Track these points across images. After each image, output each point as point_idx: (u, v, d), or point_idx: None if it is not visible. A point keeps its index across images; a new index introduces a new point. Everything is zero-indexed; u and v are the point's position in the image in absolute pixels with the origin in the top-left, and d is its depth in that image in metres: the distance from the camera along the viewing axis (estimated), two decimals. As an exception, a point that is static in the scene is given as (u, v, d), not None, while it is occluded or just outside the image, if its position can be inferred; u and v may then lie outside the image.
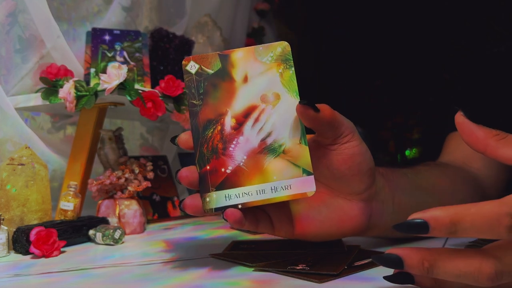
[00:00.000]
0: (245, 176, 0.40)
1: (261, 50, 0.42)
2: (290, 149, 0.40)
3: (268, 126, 0.41)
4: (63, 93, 0.68)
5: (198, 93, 0.42)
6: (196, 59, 0.43)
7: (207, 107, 0.42)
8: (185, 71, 0.43)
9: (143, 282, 0.41)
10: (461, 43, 0.85)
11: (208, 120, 0.41)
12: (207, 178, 0.40)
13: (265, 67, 0.42)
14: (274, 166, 0.40)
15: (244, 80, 0.42)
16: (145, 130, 1.12)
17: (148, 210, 0.83)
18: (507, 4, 0.78)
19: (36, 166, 0.61)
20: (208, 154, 0.41)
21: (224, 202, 0.40)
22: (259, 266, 0.43)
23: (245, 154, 0.41)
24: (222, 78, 0.42)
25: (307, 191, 0.40)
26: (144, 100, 0.68)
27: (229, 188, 0.40)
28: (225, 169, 0.40)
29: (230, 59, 0.42)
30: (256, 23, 1.41)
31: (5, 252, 0.54)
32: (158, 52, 0.87)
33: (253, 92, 0.41)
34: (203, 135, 0.41)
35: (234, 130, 0.41)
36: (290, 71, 0.41)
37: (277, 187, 0.40)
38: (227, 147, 0.41)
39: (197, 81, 0.42)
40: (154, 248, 0.58)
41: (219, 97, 0.42)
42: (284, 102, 0.41)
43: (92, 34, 0.78)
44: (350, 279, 0.39)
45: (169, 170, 0.94)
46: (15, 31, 0.79)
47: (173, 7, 1.12)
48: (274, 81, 0.41)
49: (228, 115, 0.41)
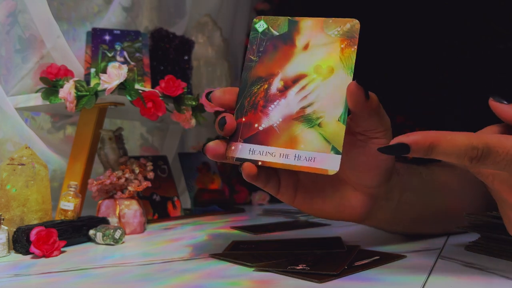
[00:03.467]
0: (275, 137, 0.40)
1: (330, 22, 0.42)
2: (327, 124, 0.40)
3: (312, 96, 0.41)
4: (63, 93, 0.68)
5: (258, 50, 0.43)
6: (267, 19, 0.44)
7: (261, 64, 0.43)
8: (252, 28, 0.44)
9: (143, 282, 0.41)
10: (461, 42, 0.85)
11: (258, 77, 0.42)
12: (240, 129, 0.41)
13: (328, 40, 0.42)
14: (305, 135, 0.40)
15: (304, 47, 0.42)
16: (145, 130, 1.12)
17: (148, 210, 0.83)
18: (507, 4, 0.78)
19: (36, 166, 0.61)
20: (247, 107, 0.42)
21: (247, 154, 0.41)
22: (259, 266, 0.43)
23: (282, 116, 0.41)
24: (284, 41, 0.43)
25: (329, 168, 0.39)
26: (144, 100, 0.68)
27: (256, 143, 0.41)
28: (258, 125, 0.41)
29: (297, 25, 0.43)
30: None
31: (5, 252, 0.54)
32: (158, 52, 0.87)
33: (309, 60, 0.42)
34: (249, 89, 0.42)
35: (279, 92, 0.42)
36: (352, 48, 0.41)
37: (301, 156, 0.39)
38: (267, 105, 0.41)
39: (261, 40, 0.43)
40: (154, 248, 0.58)
41: (275, 58, 0.42)
42: (336, 77, 0.40)
43: (92, 34, 0.78)
44: (350, 279, 0.39)
45: (169, 170, 0.94)
46: (15, 31, 0.79)
47: (173, 7, 1.12)
48: (333, 55, 0.41)
49: (278, 77, 0.42)
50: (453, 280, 0.39)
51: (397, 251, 0.49)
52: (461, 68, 0.80)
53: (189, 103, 0.75)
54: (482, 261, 0.45)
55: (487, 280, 0.39)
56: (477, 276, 0.40)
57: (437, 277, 0.40)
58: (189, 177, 0.99)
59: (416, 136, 0.33)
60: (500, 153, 0.33)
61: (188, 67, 0.91)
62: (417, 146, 0.33)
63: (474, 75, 0.78)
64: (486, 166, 0.34)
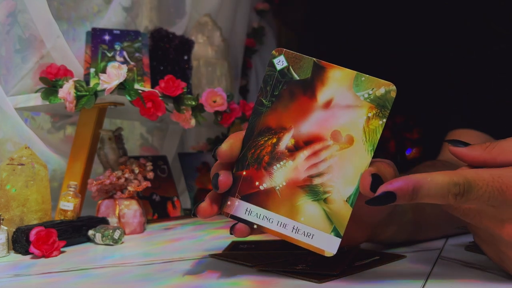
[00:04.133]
0: (275, 202, 0.37)
1: (362, 80, 0.36)
2: (333, 201, 0.36)
3: (323, 165, 0.36)
4: (63, 93, 0.68)
5: (272, 94, 0.38)
6: (288, 56, 0.38)
7: (273, 112, 0.38)
8: (270, 63, 0.38)
9: (143, 282, 0.41)
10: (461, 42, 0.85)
11: (267, 127, 0.38)
12: (239, 183, 0.38)
13: (355, 102, 0.36)
14: (307, 208, 0.36)
15: (326, 104, 0.37)
16: (145, 130, 1.12)
17: (148, 210, 0.83)
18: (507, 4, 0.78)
19: (36, 166, 0.60)
20: (250, 160, 0.38)
21: (243, 214, 0.38)
22: (259, 266, 0.43)
23: (286, 180, 0.37)
24: (304, 90, 0.37)
25: (327, 250, 0.36)
26: (144, 100, 0.68)
27: (254, 204, 0.37)
28: (260, 184, 0.38)
29: (323, 73, 0.37)
30: (256, 23, 1.41)
31: (5, 252, 0.54)
32: (158, 52, 0.87)
33: (328, 123, 0.37)
34: (255, 139, 0.38)
35: (288, 151, 0.37)
36: (380, 121, 0.36)
37: (300, 230, 0.37)
38: (272, 163, 0.37)
39: (277, 81, 0.38)
40: (154, 248, 0.58)
41: (290, 108, 0.37)
42: (354, 151, 0.36)
43: (92, 34, 0.78)
44: (350, 279, 0.39)
45: (169, 170, 0.94)
46: (15, 31, 0.79)
47: (173, 7, 1.12)
48: (357, 123, 0.36)
49: (289, 133, 0.37)
50: (453, 280, 0.39)
51: (397, 251, 0.49)
52: (467, 68, 0.80)
53: (189, 103, 0.75)
54: (482, 261, 0.44)
55: (487, 280, 0.38)
56: (477, 276, 0.40)
57: (437, 277, 0.40)
58: (189, 177, 0.99)
59: (399, 182, 0.33)
60: (481, 185, 0.33)
61: (188, 67, 0.91)
62: (401, 192, 0.33)
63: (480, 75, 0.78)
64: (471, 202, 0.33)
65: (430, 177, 0.33)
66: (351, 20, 1.27)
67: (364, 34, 1.23)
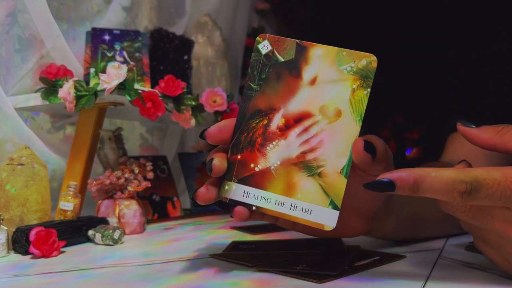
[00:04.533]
0: (271, 182, 0.38)
1: (344, 55, 0.37)
2: (327, 174, 0.37)
3: (314, 140, 0.37)
4: (62, 93, 0.68)
5: (259, 77, 0.39)
6: (272, 40, 0.39)
7: (262, 95, 0.39)
8: (255, 49, 0.40)
9: (143, 282, 0.41)
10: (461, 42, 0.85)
11: (257, 110, 0.39)
12: (234, 166, 0.39)
13: (339, 76, 0.37)
14: (303, 184, 0.37)
15: (311, 81, 0.38)
16: (145, 130, 1.12)
17: (148, 210, 0.83)
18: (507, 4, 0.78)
19: (36, 166, 0.60)
20: (244, 143, 0.39)
21: (241, 197, 0.38)
22: (259, 266, 0.43)
23: (280, 159, 0.38)
24: (289, 71, 0.39)
25: (326, 224, 0.37)
26: (144, 100, 0.68)
27: (251, 186, 0.38)
28: (255, 166, 0.38)
29: (306, 52, 0.38)
30: (256, 23, 1.41)
31: (4, 252, 0.54)
32: (158, 52, 0.86)
33: (315, 98, 0.38)
34: (247, 123, 0.39)
35: (279, 131, 0.38)
36: (364, 91, 0.37)
37: (297, 206, 0.37)
38: (265, 144, 0.38)
39: (263, 64, 0.39)
40: (154, 248, 0.58)
41: (278, 89, 0.39)
42: (343, 122, 0.37)
43: (92, 34, 0.78)
44: (350, 279, 0.39)
45: (169, 170, 0.94)
46: (15, 31, 0.79)
47: (173, 7, 1.12)
48: (343, 95, 0.37)
49: (279, 113, 0.38)
50: (453, 280, 0.39)
51: (397, 251, 0.49)
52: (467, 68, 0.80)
53: (188, 103, 0.75)
54: (482, 261, 0.44)
55: (487, 280, 0.38)
56: (477, 276, 0.40)
57: (437, 277, 0.40)
58: (189, 177, 0.99)
59: (401, 173, 0.33)
60: (491, 184, 0.32)
61: (188, 67, 0.91)
62: (401, 183, 0.32)
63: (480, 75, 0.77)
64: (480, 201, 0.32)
65: (435, 172, 0.33)
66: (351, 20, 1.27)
67: (364, 34, 1.23)
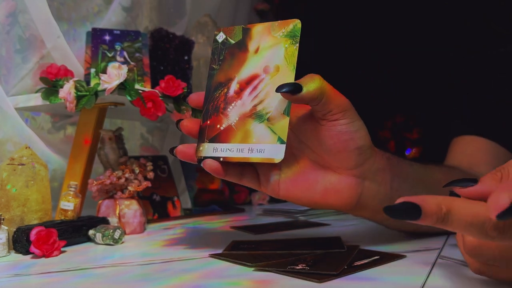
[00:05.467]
0: (233, 135, 0.46)
1: (276, 25, 0.46)
2: (274, 117, 0.44)
3: (262, 94, 0.45)
4: (63, 93, 0.68)
5: (219, 59, 0.49)
6: (225, 30, 0.49)
7: (221, 71, 0.48)
8: (214, 40, 0.50)
9: (143, 282, 0.41)
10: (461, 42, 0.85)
11: (219, 83, 0.48)
12: (205, 131, 0.47)
13: (275, 41, 0.46)
14: (256, 130, 0.45)
15: (255, 51, 0.47)
16: (145, 130, 1.12)
17: (148, 210, 0.83)
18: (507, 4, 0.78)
19: (36, 166, 0.61)
20: (211, 111, 0.47)
21: (211, 153, 0.46)
22: (259, 266, 0.43)
23: (238, 115, 0.46)
24: (239, 48, 0.48)
25: (275, 157, 0.43)
26: (144, 100, 0.68)
27: (218, 142, 0.46)
28: (220, 126, 0.47)
29: (250, 32, 0.48)
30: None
31: (5, 252, 0.54)
32: (158, 52, 0.87)
33: (259, 62, 0.46)
34: (212, 95, 0.48)
35: (236, 94, 0.47)
36: (294, 46, 0.45)
37: (253, 149, 0.44)
38: (226, 107, 0.47)
39: (220, 49, 0.49)
40: (154, 248, 0.58)
41: (232, 64, 0.48)
42: (282, 74, 0.45)
43: (92, 34, 0.78)
44: (350, 279, 0.39)
45: (169, 170, 0.94)
46: (15, 31, 0.79)
47: (173, 7, 1.12)
48: (278, 54, 0.45)
49: (234, 81, 0.47)
50: (453, 280, 0.39)
51: (397, 251, 0.49)
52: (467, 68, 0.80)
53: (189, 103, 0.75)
54: (482, 261, 0.44)
55: (487, 280, 0.38)
56: (477, 276, 0.40)
57: (437, 277, 0.40)
58: (189, 177, 0.99)
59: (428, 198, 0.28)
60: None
61: (188, 67, 0.91)
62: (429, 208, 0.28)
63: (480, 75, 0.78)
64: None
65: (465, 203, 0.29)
66: (351, 20, 1.27)
67: (364, 34, 1.23)
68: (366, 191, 0.48)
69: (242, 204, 1.06)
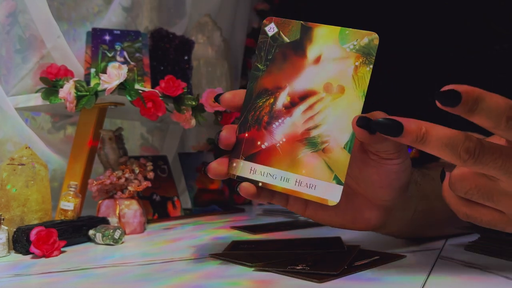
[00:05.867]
0: (277, 158, 0.39)
1: (347, 33, 0.39)
2: (331, 150, 0.38)
3: (319, 117, 0.38)
4: (63, 93, 0.69)
5: (266, 58, 0.41)
6: (278, 22, 0.41)
7: (269, 75, 0.40)
8: (262, 31, 0.41)
9: (143, 282, 0.41)
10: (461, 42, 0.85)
11: (264, 89, 0.40)
12: (242, 144, 0.40)
13: (342, 54, 0.38)
14: (307, 160, 0.38)
15: (315, 60, 0.39)
16: (145, 130, 1.12)
17: (148, 210, 0.83)
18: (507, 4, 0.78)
19: (36, 166, 0.61)
20: (251, 122, 0.40)
21: (248, 174, 0.39)
22: (259, 266, 0.43)
23: (285, 136, 0.39)
24: (294, 51, 0.40)
25: (330, 199, 0.37)
26: (144, 100, 0.68)
27: (258, 163, 0.39)
28: (261, 143, 0.39)
29: (311, 33, 0.40)
30: (256, 23, 1.41)
31: (5, 252, 0.54)
32: (158, 52, 0.87)
33: (319, 76, 0.39)
34: (254, 102, 0.40)
35: (285, 109, 0.39)
36: (367, 67, 0.38)
37: (302, 182, 0.38)
38: (271, 122, 0.39)
39: (270, 46, 0.41)
40: (154, 248, 0.58)
41: (284, 69, 0.40)
42: (346, 98, 0.38)
43: (92, 34, 0.78)
44: (350, 279, 0.39)
45: (169, 170, 0.94)
46: (15, 31, 0.79)
47: (173, 7, 1.12)
48: (346, 72, 0.38)
49: (285, 91, 0.40)
50: (453, 280, 0.39)
51: (397, 251, 0.49)
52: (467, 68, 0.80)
53: (189, 103, 0.75)
54: (482, 261, 0.45)
55: (487, 280, 0.39)
56: (477, 276, 0.40)
57: (437, 277, 0.40)
58: (189, 177, 0.99)
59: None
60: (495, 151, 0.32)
61: (188, 67, 0.91)
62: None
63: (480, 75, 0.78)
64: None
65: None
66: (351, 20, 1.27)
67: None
68: (391, 219, 0.46)
69: (242, 204, 1.06)
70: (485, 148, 0.32)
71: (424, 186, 0.51)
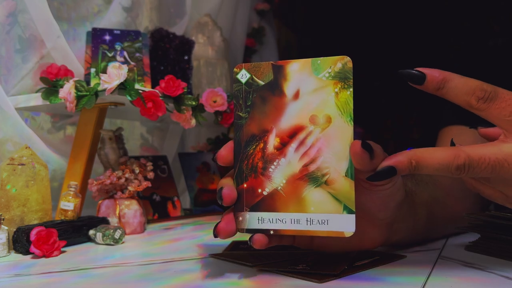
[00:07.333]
0: (282, 202, 0.38)
1: (319, 63, 0.38)
2: (333, 181, 0.37)
3: (313, 151, 0.38)
4: (63, 93, 0.68)
5: (246, 105, 0.40)
6: (248, 67, 0.40)
7: (252, 121, 0.40)
8: (235, 79, 0.41)
9: (143, 282, 0.41)
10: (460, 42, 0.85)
11: (252, 135, 0.39)
12: (243, 196, 0.39)
13: (320, 84, 0.38)
14: (313, 196, 0.37)
15: (295, 96, 0.39)
16: (145, 130, 1.12)
17: (148, 210, 0.83)
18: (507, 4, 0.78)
19: (36, 166, 0.61)
20: (247, 171, 0.39)
21: (256, 224, 0.38)
22: (259, 266, 0.43)
23: (285, 178, 0.38)
24: (272, 91, 0.39)
25: (345, 230, 0.36)
26: (144, 100, 0.68)
27: (264, 211, 0.38)
28: (262, 190, 0.39)
29: (283, 71, 0.39)
30: (256, 23, 1.41)
31: (5, 252, 0.54)
32: (158, 52, 0.87)
33: (303, 111, 0.38)
34: (244, 151, 0.39)
35: (277, 150, 0.39)
36: (347, 91, 0.37)
37: (313, 220, 0.37)
38: (267, 167, 0.39)
39: (246, 92, 0.40)
40: (154, 248, 0.58)
41: (266, 111, 0.39)
42: (335, 126, 0.37)
43: (93, 34, 0.78)
44: (350, 279, 0.39)
45: (169, 170, 0.94)
46: (15, 31, 0.79)
47: (173, 7, 1.12)
48: (328, 101, 0.38)
49: (272, 133, 0.39)
50: (453, 280, 0.39)
51: (397, 251, 0.49)
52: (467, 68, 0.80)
53: (189, 103, 0.75)
54: (482, 261, 0.45)
55: (487, 280, 0.39)
56: (477, 276, 0.40)
57: (437, 277, 0.40)
58: (189, 177, 0.99)
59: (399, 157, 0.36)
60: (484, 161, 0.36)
61: (188, 67, 0.91)
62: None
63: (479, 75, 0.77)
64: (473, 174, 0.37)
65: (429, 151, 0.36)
66: (350, 20, 1.27)
67: (363, 34, 1.23)
68: (392, 232, 0.47)
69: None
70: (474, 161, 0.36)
71: (420, 194, 0.51)
